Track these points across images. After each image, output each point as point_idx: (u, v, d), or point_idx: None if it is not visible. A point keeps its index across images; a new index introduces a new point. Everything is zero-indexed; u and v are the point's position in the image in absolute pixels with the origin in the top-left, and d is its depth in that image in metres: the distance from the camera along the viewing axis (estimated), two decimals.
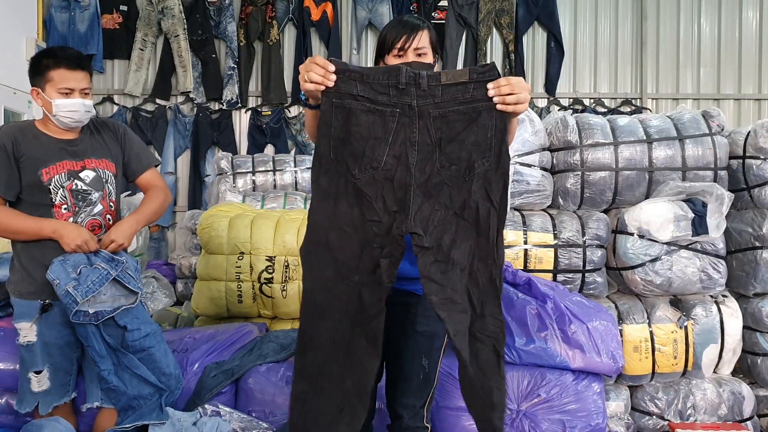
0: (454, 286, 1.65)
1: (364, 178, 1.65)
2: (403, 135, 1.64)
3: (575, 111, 5.86)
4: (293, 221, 3.27)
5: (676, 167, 3.04)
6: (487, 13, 5.97)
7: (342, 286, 1.68)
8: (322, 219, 1.68)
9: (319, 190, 1.69)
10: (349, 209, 1.67)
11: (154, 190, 2.46)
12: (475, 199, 1.65)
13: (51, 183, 2.21)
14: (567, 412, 2.56)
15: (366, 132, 1.65)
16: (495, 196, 1.65)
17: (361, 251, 1.67)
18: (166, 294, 4.12)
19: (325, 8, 5.95)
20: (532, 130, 3.06)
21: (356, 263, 1.67)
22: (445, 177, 1.65)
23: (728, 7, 6.13)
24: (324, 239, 1.68)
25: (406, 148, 1.64)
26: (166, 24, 5.90)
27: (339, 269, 1.68)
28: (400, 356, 1.92)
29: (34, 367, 2.25)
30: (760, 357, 3.01)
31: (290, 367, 2.63)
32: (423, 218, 1.65)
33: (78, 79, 2.21)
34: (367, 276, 1.66)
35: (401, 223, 1.64)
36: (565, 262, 2.99)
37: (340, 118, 1.65)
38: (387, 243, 1.65)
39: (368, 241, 1.66)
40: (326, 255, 1.68)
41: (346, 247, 1.67)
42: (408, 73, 1.63)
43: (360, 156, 1.65)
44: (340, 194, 1.67)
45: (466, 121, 1.63)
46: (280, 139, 5.98)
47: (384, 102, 1.64)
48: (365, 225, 1.66)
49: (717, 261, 2.93)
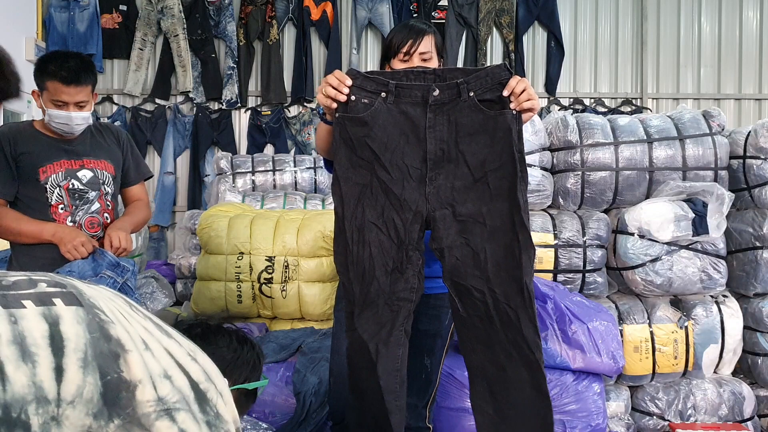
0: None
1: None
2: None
3: (575, 111, 5.85)
4: (293, 221, 3.27)
5: (676, 167, 3.04)
6: (487, 13, 5.96)
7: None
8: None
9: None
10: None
11: (142, 203, 2.49)
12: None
13: (47, 182, 2.21)
14: (567, 413, 2.56)
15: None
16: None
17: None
18: (166, 294, 4.11)
19: (325, 8, 5.94)
20: (532, 129, 3.06)
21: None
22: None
23: (729, 7, 6.13)
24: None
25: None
26: (165, 24, 5.89)
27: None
28: None
29: None
30: (761, 357, 3.01)
31: (290, 367, 2.62)
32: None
33: (72, 94, 2.18)
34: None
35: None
36: (566, 262, 2.99)
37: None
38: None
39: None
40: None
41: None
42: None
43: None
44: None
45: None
46: (279, 139, 5.98)
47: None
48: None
49: (717, 261, 2.93)
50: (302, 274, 3.14)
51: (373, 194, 1.64)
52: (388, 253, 1.65)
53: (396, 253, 1.65)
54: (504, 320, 1.63)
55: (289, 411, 2.51)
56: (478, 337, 1.67)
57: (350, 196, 1.65)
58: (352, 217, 1.65)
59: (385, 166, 1.63)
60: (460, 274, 1.64)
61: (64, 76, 2.16)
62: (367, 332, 1.68)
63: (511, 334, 1.63)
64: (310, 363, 2.59)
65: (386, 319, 1.68)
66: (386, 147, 1.62)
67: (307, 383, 2.49)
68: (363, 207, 1.65)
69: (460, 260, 1.64)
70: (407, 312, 1.68)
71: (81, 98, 2.21)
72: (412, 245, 1.65)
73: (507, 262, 1.62)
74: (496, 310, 1.63)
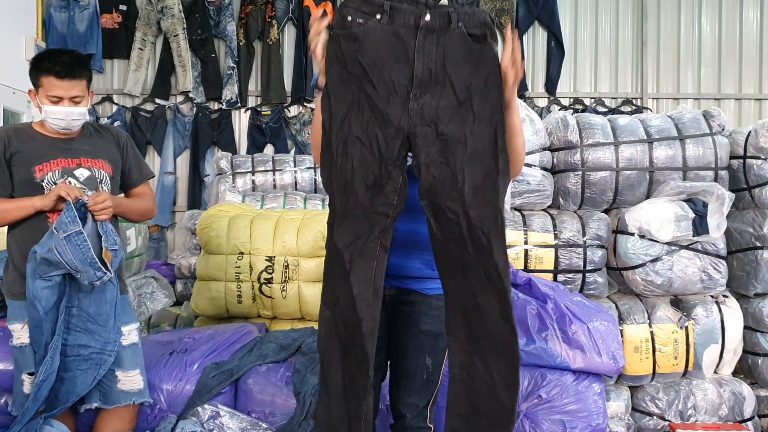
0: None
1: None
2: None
3: (576, 111, 5.85)
4: (293, 221, 3.26)
5: (676, 167, 3.03)
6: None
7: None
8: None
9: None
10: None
11: (147, 196, 2.49)
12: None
13: (44, 180, 2.20)
14: (567, 413, 2.56)
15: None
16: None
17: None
18: (166, 294, 4.10)
19: (325, 7, 5.93)
20: (532, 129, 3.05)
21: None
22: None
23: (729, 7, 6.13)
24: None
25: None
26: (165, 23, 5.89)
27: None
28: (404, 355, 1.92)
29: (28, 368, 2.23)
30: (761, 357, 3.01)
31: (290, 367, 2.62)
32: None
33: (66, 88, 2.18)
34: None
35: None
36: (566, 262, 2.99)
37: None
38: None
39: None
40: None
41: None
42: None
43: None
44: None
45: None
46: (279, 139, 5.98)
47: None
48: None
49: (718, 261, 2.92)
50: (302, 274, 3.14)
51: (360, 109, 1.67)
52: (370, 167, 1.67)
53: (377, 168, 1.67)
54: (477, 245, 1.64)
55: (289, 411, 2.51)
56: (453, 262, 1.69)
57: (338, 110, 1.68)
58: (338, 131, 1.68)
59: (373, 81, 1.65)
60: (436, 193, 1.66)
61: (57, 70, 2.17)
62: (342, 241, 1.71)
63: (484, 260, 1.65)
64: (310, 363, 2.59)
65: (362, 230, 1.70)
66: (375, 63, 1.64)
67: (307, 383, 2.49)
68: (350, 121, 1.67)
69: (438, 179, 1.65)
70: (383, 226, 1.70)
71: (76, 93, 2.20)
72: (392, 161, 1.66)
73: (485, 185, 1.64)
74: (469, 234, 1.65)
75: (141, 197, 2.46)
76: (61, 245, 2.06)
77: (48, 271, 2.11)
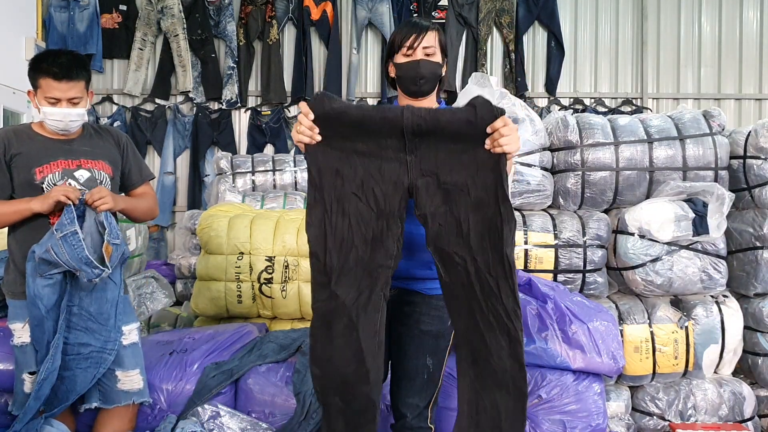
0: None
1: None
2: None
3: (576, 111, 5.85)
4: (293, 221, 3.27)
5: (676, 167, 3.03)
6: (487, 13, 5.96)
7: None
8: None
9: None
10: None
11: (149, 196, 2.49)
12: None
13: (44, 182, 2.20)
14: (567, 413, 2.56)
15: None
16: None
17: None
18: (166, 294, 4.10)
19: (325, 8, 5.94)
20: (532, 129, 3.05)
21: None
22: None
23: (729, 7, 6.12)
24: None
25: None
26: (165, 23, 5.89)
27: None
28: (405, 355, 1.93)
29: (29, 368, 2.23)
30: (761, 357, 3.01)
31: (290, 367, 2.62)
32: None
33: (64, 89, 2.17)
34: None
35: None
36: (566, 263, 2.98)
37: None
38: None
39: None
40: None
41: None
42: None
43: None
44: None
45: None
46: (279, 139, 5.98)
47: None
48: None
49: (718, 261, 2.92)
50: (302, 274, 3.14)
51: (351, 165, 1.66)
52: (368, 223, 1.67)
53: (376, 223, 1.67)
54: (485, 289, 1.65)
55: (289, 411, 2.51)
56: (461, 305, 1.70)
57: (328, 166, 1.67)
58: (330, 187, 1.67)
59: (363, 136, 1.65)
60: (442, 240, 1.67)
61: (55, 72, 2.16)
62: (347, 298, 1.70)
63: (492, 303, 1.66)
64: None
65: (365, 284, 1.70)
66: (362, 120, 1.64)
67: (307, 383, 2.49)
68: (342, 177, 1.67)
69: (443, 227, 1.66)
70: (386, 278, 1.71)
71: (74, 94, 2.19)
72: (392, 215, 1.67)
73: (490, 234, 1.64)
74: (477, 278, 1.66)
75: (143, 197, 2.46)
76: (57, 245, 2.07)
77: (48, 269, 2.11)
